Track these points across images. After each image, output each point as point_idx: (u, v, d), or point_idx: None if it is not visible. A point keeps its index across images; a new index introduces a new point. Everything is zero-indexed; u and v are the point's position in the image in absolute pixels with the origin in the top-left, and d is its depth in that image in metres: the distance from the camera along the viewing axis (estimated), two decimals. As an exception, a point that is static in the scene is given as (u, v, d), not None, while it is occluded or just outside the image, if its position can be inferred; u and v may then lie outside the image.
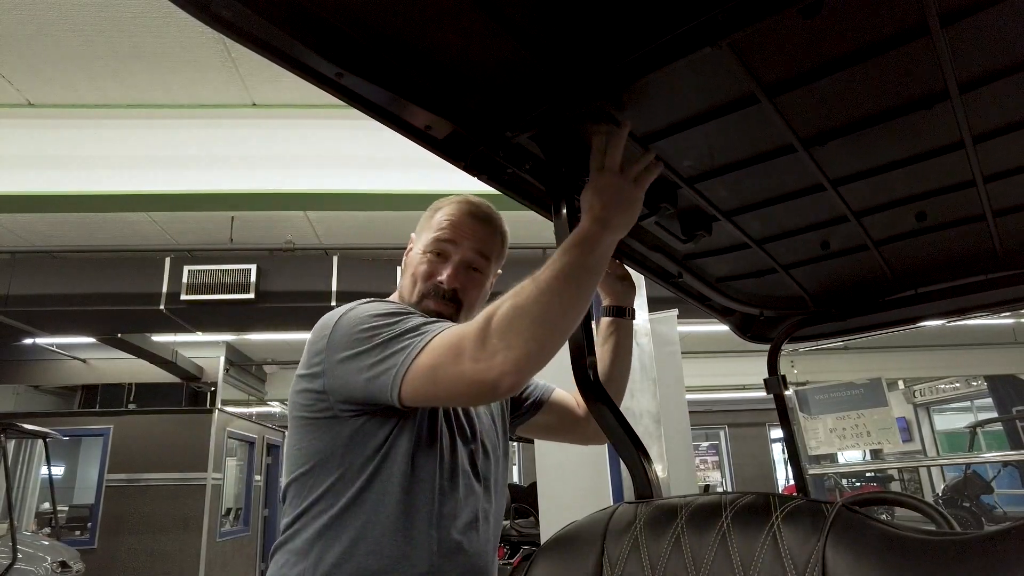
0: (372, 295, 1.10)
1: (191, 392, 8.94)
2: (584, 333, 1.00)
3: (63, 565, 5.02)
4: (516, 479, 11.21)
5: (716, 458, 14.66)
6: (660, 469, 2.86)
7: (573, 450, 2.81)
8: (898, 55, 0.84)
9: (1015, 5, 0.76)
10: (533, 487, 4.03)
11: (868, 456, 9.56)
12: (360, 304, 1.05)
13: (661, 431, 2.92)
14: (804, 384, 7.45)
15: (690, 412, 3.42)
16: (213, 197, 3.96)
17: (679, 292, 1.59)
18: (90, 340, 7.30)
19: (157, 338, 7.52)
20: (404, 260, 1.24)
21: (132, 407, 8.80)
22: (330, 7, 0.76)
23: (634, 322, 1.38)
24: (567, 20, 0.81)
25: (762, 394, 1.94)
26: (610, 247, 0.93)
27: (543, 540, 1.63)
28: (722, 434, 14.62)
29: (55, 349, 8.12)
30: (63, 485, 9.42)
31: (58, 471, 9.83)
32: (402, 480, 0.99)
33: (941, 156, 1.07)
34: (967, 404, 12.21)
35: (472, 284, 1.17)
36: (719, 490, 6.88)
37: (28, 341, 7.20)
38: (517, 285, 0.89)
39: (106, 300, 5.22)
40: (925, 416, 12.77)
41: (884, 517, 1.41)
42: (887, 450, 7.56)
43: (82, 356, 8.35)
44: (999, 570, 0.61)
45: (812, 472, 6.69)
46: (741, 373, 9.61)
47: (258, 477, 9.67)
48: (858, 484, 11.61)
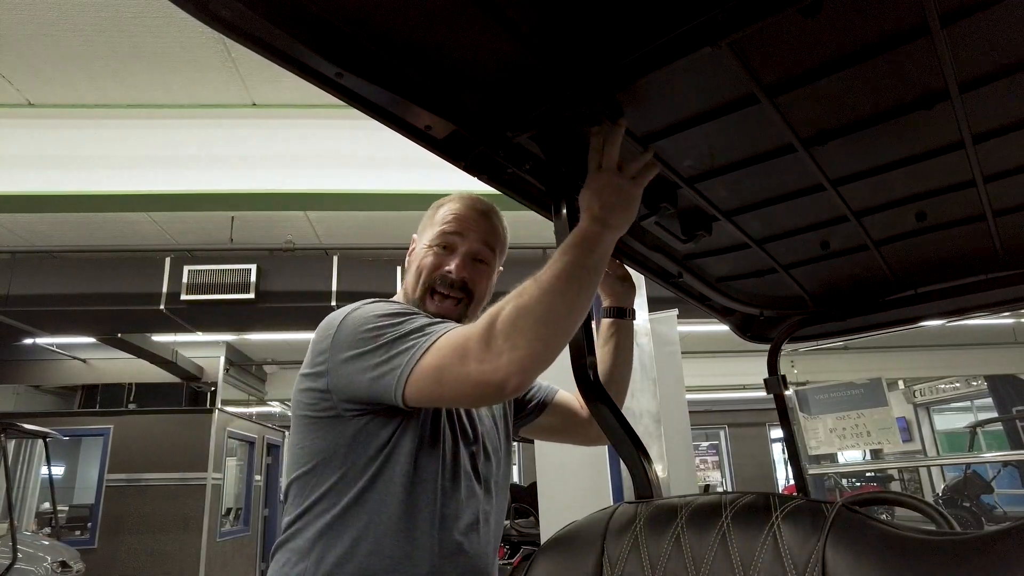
0: (372, 295, 1.10)
1: (191, 392, 8.94)
2: (584, 333, 1.00)
3: (63, 565, 5.02)
4: (516, 479, 11.22)
5: (716, 458, 14.66)
6: (660, 469, 2.86)
7: (573, 450, 2.80)
8: (898, 55, 0.84)
9: (1015, 5, 0.76)
10: (533, 487, 4.03)
11: (868, 456, 9.56)
12: (365, 304, 1.05)
13: (661, 431, 2.92)
14: (804, 384, 7.45)
15: (690, 412, 3.43)
16: (213, 197, 3.96)
17: (679, 292, 1.59)
18: (90, 340, 7.31)
19: (157, 338, 7.53)
20: (407, 259, 1.25)
21: (132, 407, 8.80)
22: (330, 7, 0.76)
23: (634, 322, 1.39)
24: (567, 20, 0.81)
25: (762, 394, 1.94)
26: (610, 246, 0.93)
27: (543, 540, 1.63)
28: (722, 434, 14.61)
29: (55, 349, 8.12)
30: (63, 485, 9.42)
31: (58, 471, 9.83)
32: (404, 480, 0.99)
33: (941, 156, 1.07)
34: (967, 404, 12.22)
35: (480, 276, 1.18)
36: (719, 490, 6.88)
37: (28, 341, 7.20)
38: (519, 286, 0.89)
39: (106, 300, 5.22)
40: (925, 416, 12.77)
41: (884, 517, 1.41)
42: (887, 450, 7.56)
43: (82, 356, 8.35)
44: (999, 570, 0.61)
45: (812, 472, 6.69)
46: (741, 373, 9.61)
47: (258, 477, 9.67)
48: (858, 484, 11.61)
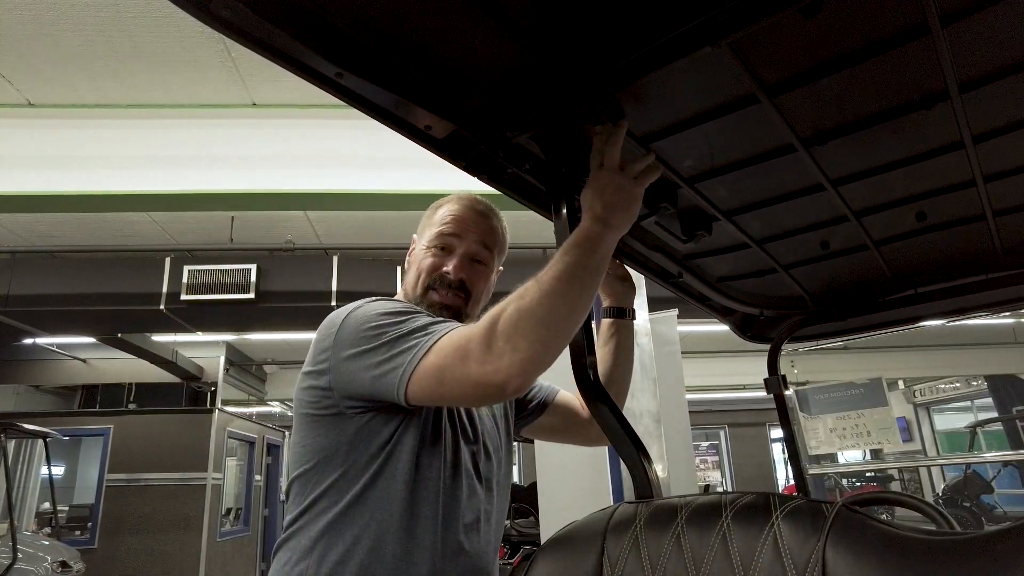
0: (372, 295, 1.10)
1: (191, 392, 8.94)
2: (584, 333, 1.00)
3: (63, 565, 5.02)
4: (516, 479, 11.21)
5: (716, 458, 14.66)
6: (660, 469, 2.86)
7: (573, 450, 2.80)
8: (898, 55, 0.84)
9: (1015, 5, 0.76)
10: (533, 487, 4.03)
11: (868, 456, 9.56)
12: (367, 302, 1.05)
13: (661, 431, 2.92)
14: (804, 384, 7.45)
15: (690, 412, 3.42)
16: (213, 197, 3.96)
17: (679, 292, 1.59)
18: (90, 340, 7.30)
19: (157, 338, 7.52)
20: (407, 260, 1.25)
21: (132, 407, 8.80)
22: (330, 7, 0.76)
23: (634, 322, 1.39)
24: (567, 20, 0.81)
25: (762, 394, 1.94)
26: (612, 246, 0.92)
27: (543, 540, 1.63)
28: (722, 434, 14.61)
29: (55, 349, 8.12)
30: (63, 485, 9.42)
31: (58, 471, 9.83)
32: (406, 479, 0.99)
33: (941, 156, 1.07)
34: (967, 404, 12.22)
35: (478, 276, 1.19)
36: (719, 490, 6.88)
37: (28, 341, 7.20)
38: (520, 287, 0.89)
39: (106, 300, 5.22)
40: (925, 416, 12.78)
41: (884, 517, 1.41)
42: (887, 450, 7.57)
43: (82, 356, 8.35)
44: (999, 570, 0.61)
45: (812, 472, 6.70)
46: (741, 373, 9.61)
47: (258, 477, 9.67)
48: (858, 484, 11.61)
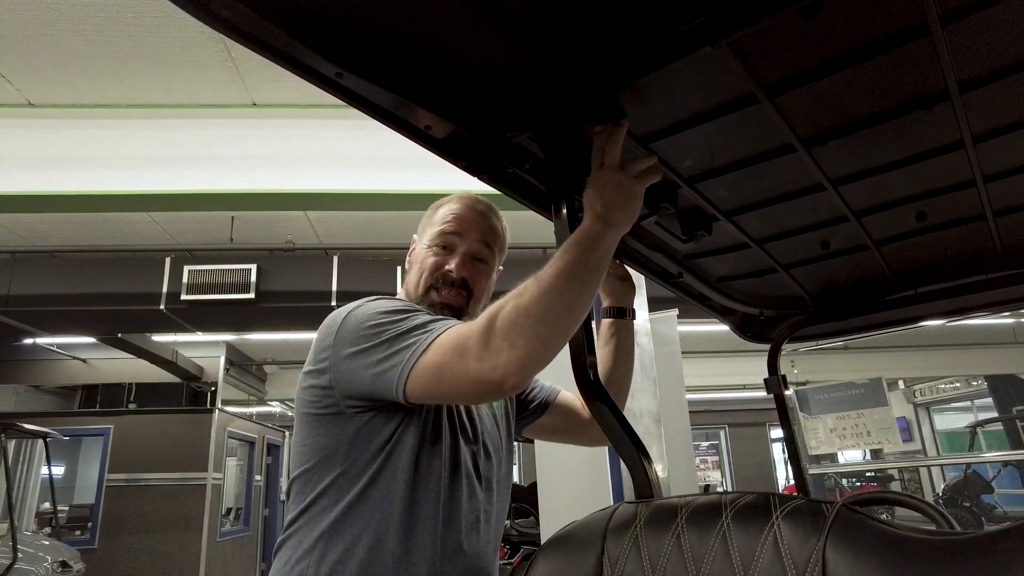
0: (372, 295, 1.10)
1: (191, 392, 8.94)
2: (584, 333, 1.00)
3: (63, 565, 5.02)
4: (516, 479, 11.21)
5: (716, 458, 14.66)
6: (660, 469, 2.86)
7: (573, 450, 2.80)
8: (898, 55, 0.84)
9: (1015, 5, 0.76)
10: (533, 487, 4.03)
11: (868, 456, 9.56)
12: (368, 301, 1.05)
13: (661, 431, 2.92)
14: (804, 384, 7.45)
15: (690, 412, 3.42)
16: (213, 197, 3.96)
17: (679, 292, 1.59)
18: (90, 340, 7.30)
19: (157, 338, 7.52)
20: (408, 259, 1.25)
21: (132, 407, 8.80)
22: (330, 7, 0.76)
23: (634, 322, 1.39)
24: (567, 20, 0.81)
25: (762, 394, 1.94)
26: (612, 244, 0.92)
27: (543, 540, 1.63)
28: (722, 434, 14.61)
29: (55, 349, 8.12)
30: (63, 485, 9.42)
31: (58, 471, 9.83)
32: (407, 478, 1.00)
33: (941, 156, 1.07)
34: (967, 404, 12.21)
35: (479, 275, 1.19)
36: (719, 490, 6.87)
37: (28, 341, 7.20)
38: (520, 285, 0.89)
39: (106, 300, 5.22)
40: (925, 416, 12.77)
41: (884, 517, 1.41)
42: (887, 450, 7.56)
43: (82, 356, 8.35)
44: (999, 570, 0.61)
45: (812, 472, 6.69)
46: (741, 373, 9.60)
47: (258, 477, 9.67)
48: (858, 484, 11.61)
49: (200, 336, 7.56)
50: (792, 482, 1.90)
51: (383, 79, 0.86)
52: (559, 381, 1.37)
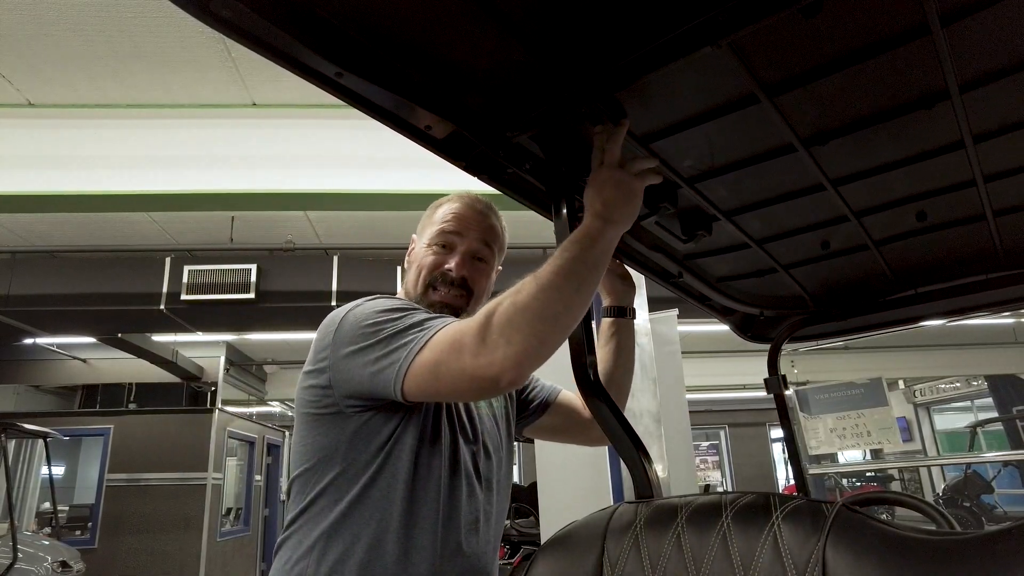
0: (372, 295, 1.10)
1: (191, 392, 8.94)
2: (584, 332, 1.00)
3: (63, 565, 5.03)
4: (516, 479, 11.21)
5: (716, 458, 14.66)
6: (660, 469, 2.86)
7: (573, 450, 2.81)
8: (898, 55, 0.84)
9: (1015, 5, 0.76)
10: (533, 487, 4.03)
11: (868, 456, 9.56)
12: (366, 301, 1.05)
13: (661, 431, 2.92)
14: (804, 384, 7.44)
15: (690, 412, 3.42)
16: (213, 197, 3.96)
17: (679, 292, 1.59)
18: (90, 340, 7.30)
19: (157, 338, 7.52)
20: (407, 259, 1.25)
21: (132, 407, 8.80)
22: (330, 7, 0.76)
23: (634, 322, 1.38)
24: (567, 20, 0.81)
25: (762, 394, 1.94)
26: (612, 242, 0.92)
27: (543, 540, 1.63)
28: (722, 434, 14.61)
29: (55, 349, 8.12)
30: (63, 485, 9.42)
31: (58, 471, 9.83)
32: (406, 478, 0.99)
33: (941, 156, 1.07)
34: (967, 404, 12.21)
35: (479, 274, 1.19)
36: (719, 490, 6.87)
37: (28, 341, 7.20)
38: (518, 282, 0.89)
39: (106, 300, 5.22)
40: (925, 416, 12.77)
41: (884, 517, 1.41)
42: (887, 450, 7.56)
43: (82, 356, 8.35)
44: (999, 570, 0.61)
45: (812, 472, 6.69)
46: (741, 373, 9.60)
47: (258, 477, 9.67)
48: (858, 484, 11.61)
49: (200, 336, 7.56)
50: (792, 482, 1.90)
51: (383, 79, 0.86)
52: (559, 381, 1.37)
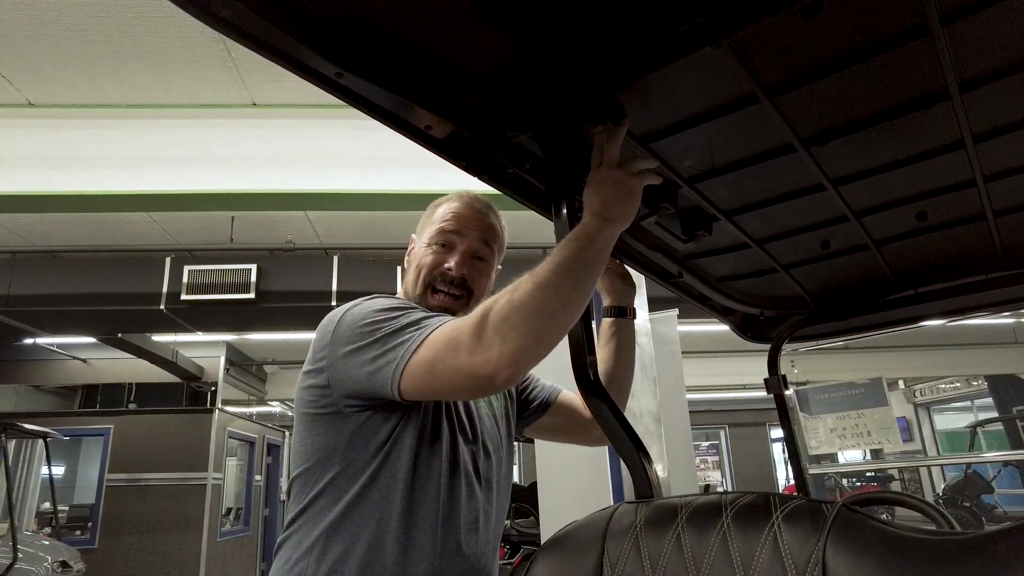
0: (372, 295, 1.10)
1: (191, 392, 8.94)
2: (584, 332, 1.00)
3: (64, 565, 5.03)
4: (516, 479, 11.21)
5: (716, 458, 14.66)
6: (660, 469, 2.86)
7: (573, 450, 2.81)
8: (898, 55, 0.84)
9: (1015, 5, 0.76)
10: (533, 487, 4.03)
11: (868, 456, 9.56)
12: (364, 300, 1.05)
13: (661, 431, 2.92)
14: (804, 384, 7.44)
15: (690, 412, 3.42)
16: (213, 197, 3.96)
17: (679, 292, 1.59)
18: (90, 340, 7.31)
19: (157, 338, 7.53)
20: (407, 259, 1.25)
21: (132, 407, 8.80)
22: (330, 7, 0.76)
23: (635, 322, 1.38)
24: (567, 20, 0.81)
25: (762, 394, 1.94)
26: (610, 241, 0.92)
27: (543, 540, 1.63)
28: (722, 434, 14.61)
29: (55, 349, 8.12)
30: (63, 485, 9.42)
31: (58, 471, 9.83)
32: (406, 478, 0.99)
33: (941, 156, 1.07)
34: (967, 404, 12.21)
35: (479, 273, 1.19)
36: (719, 490, 6.88)
37: (28, 341, 7.20)
38: (515, 280, 0.89)
39: (106, 300, 5.22)
40: (925, 416, 12.77)
41: (884, 517, 1.41)
42: (887, 450, 7.55)
43: (82, 356, 8.35)
44: (999, 570, 0.61)
45: (812, 472, 6.69)
46: (741, 373, 9.61)
47: (258, 477, 9.67)
48: (858, 484, 11.61)
49: (200, 336, 7.56)
50: (792, 482, 1.90)
51: (383, 79, 0.86)
52: (559, 381, 1.37)
